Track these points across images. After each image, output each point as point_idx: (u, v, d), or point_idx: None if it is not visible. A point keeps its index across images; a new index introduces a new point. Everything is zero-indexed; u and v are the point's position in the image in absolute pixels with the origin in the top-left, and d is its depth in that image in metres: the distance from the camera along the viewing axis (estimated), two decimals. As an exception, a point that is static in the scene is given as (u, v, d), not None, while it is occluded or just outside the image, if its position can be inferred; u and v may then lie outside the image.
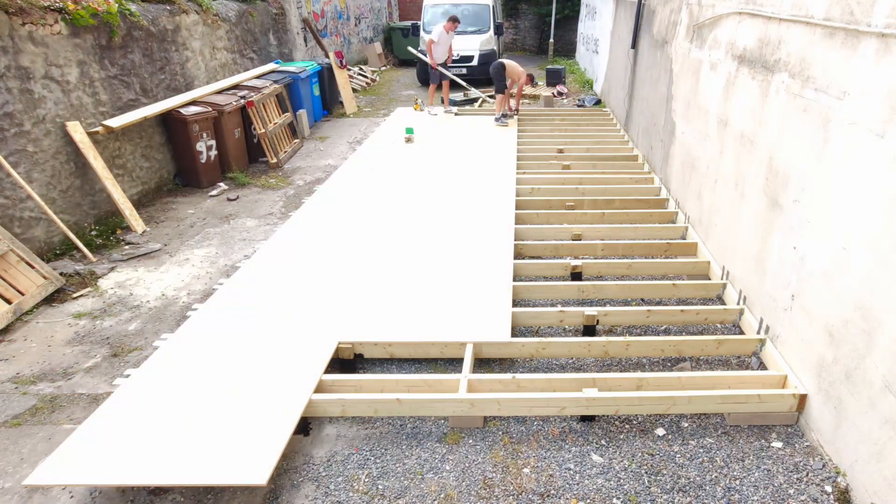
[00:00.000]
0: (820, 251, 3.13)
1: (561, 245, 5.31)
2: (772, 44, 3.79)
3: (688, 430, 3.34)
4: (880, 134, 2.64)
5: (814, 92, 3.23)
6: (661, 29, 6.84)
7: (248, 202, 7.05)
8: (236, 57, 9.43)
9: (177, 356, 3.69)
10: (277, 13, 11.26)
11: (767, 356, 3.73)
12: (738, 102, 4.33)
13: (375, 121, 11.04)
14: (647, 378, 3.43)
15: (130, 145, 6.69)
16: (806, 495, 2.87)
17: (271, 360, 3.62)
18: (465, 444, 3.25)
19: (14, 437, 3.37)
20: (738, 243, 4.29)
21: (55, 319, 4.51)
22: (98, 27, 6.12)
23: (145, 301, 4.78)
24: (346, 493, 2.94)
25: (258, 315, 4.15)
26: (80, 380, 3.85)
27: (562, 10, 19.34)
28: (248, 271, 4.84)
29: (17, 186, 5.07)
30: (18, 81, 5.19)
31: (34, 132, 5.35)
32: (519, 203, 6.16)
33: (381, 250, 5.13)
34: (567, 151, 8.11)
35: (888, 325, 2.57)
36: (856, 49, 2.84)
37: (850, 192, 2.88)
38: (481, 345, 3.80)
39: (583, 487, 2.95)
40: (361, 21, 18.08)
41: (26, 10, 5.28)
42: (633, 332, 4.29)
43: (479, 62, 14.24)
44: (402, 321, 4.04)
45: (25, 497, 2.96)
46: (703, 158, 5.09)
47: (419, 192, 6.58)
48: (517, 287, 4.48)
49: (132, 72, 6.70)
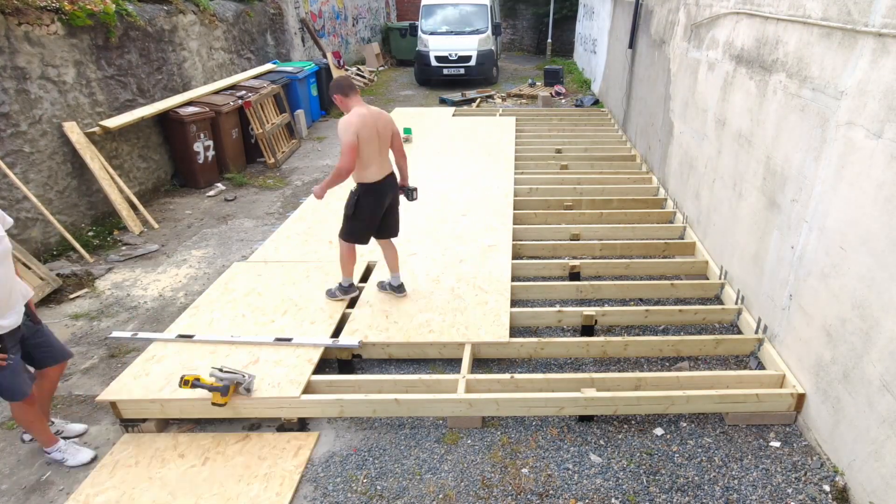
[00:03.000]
0: (818, 251, 3.14)
1: (559, 245, 5.31)
2: (769, 43, 3.80)
3: (686, 429, 3.34)
4: (877, 133, 2.64)
5: (811, 92, 3.24)
6: (658, 29, 6.84)
7: (245, 202, 7.04)
8: (234, 57, 9.42)
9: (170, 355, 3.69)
10: (275, 13, 11.25)
11: (766, 356, 3.73)
12: (735, 102, 4.34)
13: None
14: (646, 378, 3.43)
15: (127, 146, 6.67)
16: (804, 494, 2.88)
17: (269, 360, 3.61)
18: (464, 444, 3.25)
19: (11, 438, 3.35)
20: (737, 243, 4.29)
21: (52, 320, 4.50)
22: (95, 27, 6.10)
23: (142, 302, 4.77)
24: (344, 493, 2.93)
25: (253, 316, 4.14)
26: (78, 381, 3.84)
27: (560, 10, 19.34)
28: (246, 270, 4.83)
29: (14, 187, 5.05)
30: (15, 82, 5.17)
31: (31, 133, 5.33)
32: (517, 203, 6.16)
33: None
34: (565, 151, 8.11)
35: (886, 325, 2.57)
36: (853, 49, 2.85)
37: (847, 192, 2.88)
38: (480, 345, 3.80)
39: (581, 487, 2.95)
40: (359, 21, 18.07)
41: (23, 11, 5.26)
42: (632, 331, 4.29)
43: (476, 62, 14.24)
44: (401, 321, 4.04)
45: (23, 498, 2.95)
46: (701, 158, 5.09)
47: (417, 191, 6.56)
48: (515, 287, 4.48)
49: (129, 72, 6.68)
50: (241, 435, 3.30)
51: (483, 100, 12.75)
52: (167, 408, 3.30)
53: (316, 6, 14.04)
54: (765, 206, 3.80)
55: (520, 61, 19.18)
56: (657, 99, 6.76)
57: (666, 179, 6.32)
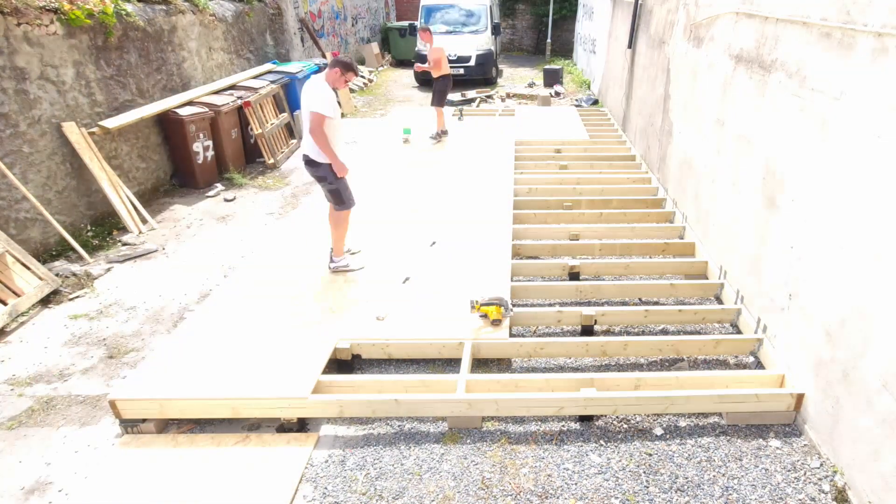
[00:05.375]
0: (817, 251, 3.14)
1: (559, 245, 5.31)
2: (769, 44, 3.80)
3: (686, 429, 3.34)
4: (877, 133, 2.64)
5: (811, 92, 3.24)
6: (658, 29, 6.84)
7: (245, 203, 7.03)
8: (233, 57, 9.41)
9: (170, 357, 3.69)
10: (274, 13, 11.24)
11: (765, 356, 3.74)
12: (735, 102, 4.34)
13: (373, 121, 11.03)
14: (645, 378, 3.43)
15: (127, 146, 6.67)
16: (804, 494, 2.88)
17: (270, 361, 3.61)
18: (464, 444, 3.24)
19: (10, 439, 3.35)
20: (736, 243, 4.29)
21: (51, 321, 4.49)
22: (94, 27, 6.10)
23: (142, 302, 4.77)
24: (344, 493, 2.93)
25: (254, 317, 4.14)
26: (77, 381, 3.83)
27: (559, 11, 19.36)
28: (245, 273, 4.83)
29: (13, 187, 5.05)
30: (14, 82, 5.16)
31: (30, 133, 5.32)
32: (517, 203, 6.16)
33: (379, 250, 5.12)
34: (564, 151, 8.11)
35: (885, 325, 2.57)
36: (852, 49, 2.85)
37: (846, 192, 2.88)
38: (479, 344, 3.80)
39: (581, 487, 2.95)
40: (358, 21, 18.06)
41: (21, 11, 5.25)
42: (631, 331, 4.29)
43: (476, 62, 14.24)
44: (401, 321, 4.04)
45: (22, 499, 2.95)
46: (701, 158, 5.09)
47: (417, 191, 6.57)
48: (515, 287, 4.48)
49: (128, 72, 6.68)
50: (240, 435, 3.30)
51: (482, 100, 12.74)
52: (166, 408, 3.30)
53: (315, 6, 14.03)
54: (764, 206, 3.80)
55: (519, 61, 19.18)
56: (657, 99, 6.76)
57: (665, 179, 6.32)
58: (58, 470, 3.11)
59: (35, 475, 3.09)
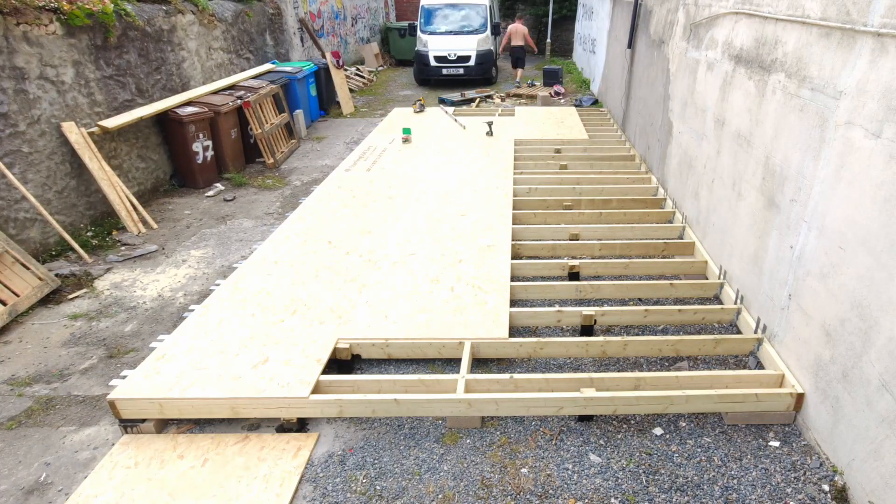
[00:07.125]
0: (816, 250, 3.14)
1: (558, 245, 5.31)
2: (768, 43, 3.80)
3: (685, 429, 3.34)
4: (876, 133, 2.64)
5: (810, 91, 3.24)
6: (657, 29, 6.84)
7: (245, 203, 7.04)
8: (233, 57, 9.41)
9: (170, 357, 3.68)
10: (274, 13, 11.24)
11: (765, 355, 3.73)
12: (734, 102, 4.34)
13: (373, 121, 11.03)
14: (645, 377, 3.43)
15: (126, 146, 6.67)
16: (803, 494, 2.88)
17: (270, 361, 3.61)
18: (463, 444, 3.25)
19: (10, 439, 3.35)
20: (736, 243, 4.29)
21: (51, 321, 4.49)
22: (93, 27, 6.10)
23: (142, 302, 4.77)
24: (343, 493, 2.93)
25: (254, 316, 4.13)
26: (76, 381, 3.83)
27: (559, 10, 19.36)
28: (245, 271, 4.83)
29: (12, 187, 5.05)
30: (13, 82, 5.17)
31: (29, 133, 5.33)
32: (516, 203, 6.16)
33: (379, 250, 5.12)
34: (564, 151, 8.11)
35: (885, 324, 2.57)
36: (852, 49, 2.85)
37: (846, 192, 2.88)
38: (479, 344, 3.80)
39: (581, 487, 2.95)
40: (358, 21, 18.06)
41: (21, 10, 5.25)
42: (631, 331, 4.29)
43: (476, 62, 14.24)
44: (400, 321, 4.03)
45: (22, 499, 2.95)
46: (700, 158, 5.09)
47: (417, 191, 6.57)
48: (515, 287, 4.48)
49: (128, 72, 6.68)
50: (240, 436, 3.30)
51: (482, 100, 12.75)
52: (166, 408, 3.30)
53: (315, 6, 14.03)
54: (764, 205, 3.80)
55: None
56: (656, 99, 6.76)
57: (665, 179, 6.32)
58: (57, 470, 3.11)
59: (35, 475, 3.09)
